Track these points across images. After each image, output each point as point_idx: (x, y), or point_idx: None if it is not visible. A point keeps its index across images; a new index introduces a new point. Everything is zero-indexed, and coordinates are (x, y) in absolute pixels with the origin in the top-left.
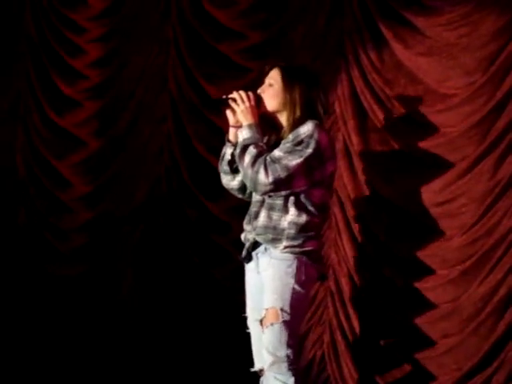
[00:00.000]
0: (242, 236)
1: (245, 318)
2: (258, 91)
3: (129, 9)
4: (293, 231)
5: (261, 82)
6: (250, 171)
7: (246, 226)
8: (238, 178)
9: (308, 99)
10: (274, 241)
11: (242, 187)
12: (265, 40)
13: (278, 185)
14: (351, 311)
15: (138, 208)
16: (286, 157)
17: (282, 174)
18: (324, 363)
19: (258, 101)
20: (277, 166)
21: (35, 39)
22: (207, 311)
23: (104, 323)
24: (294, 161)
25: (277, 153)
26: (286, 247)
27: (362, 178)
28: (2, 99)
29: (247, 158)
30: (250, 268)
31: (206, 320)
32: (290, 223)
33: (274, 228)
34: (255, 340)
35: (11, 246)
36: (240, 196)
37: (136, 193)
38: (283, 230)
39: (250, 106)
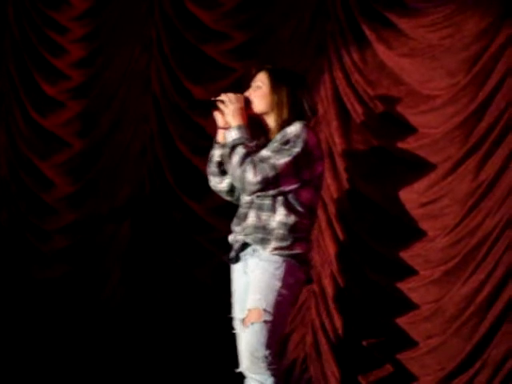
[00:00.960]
0: (231, 238)
1: (230, 319)
2: (246, 93)
3: (112, 9)
4: (282, 231)
5: (247, 85)
6: (238, 171)
7: (236, 228)
8: (227, 180)
9: (295, 100)
10: (263, 241)
11: (231, 189)
12: (249, 41)
13: (265, 184)
14: (334, 312)
15: (121, 208)
16: (274, 156)
17: (270, 173)
18: (307, 364)
19: (246, 103)
20: (264, 165)
21: (18, 39)
22: (191, 311)
23: (88, 324)
24: (282, 160)
25: (264, 152)
26: (275, 248)
27: (344, 178)
28: None
29: (235, 158)
30: (237, 268)
31: (190, 320)
32: (278, 223)
33: (264, 228)
34: (240, 341)
35: None
36: (228, 198)
37: (119, 193)
38: (272, 229)
39: (239, 107)
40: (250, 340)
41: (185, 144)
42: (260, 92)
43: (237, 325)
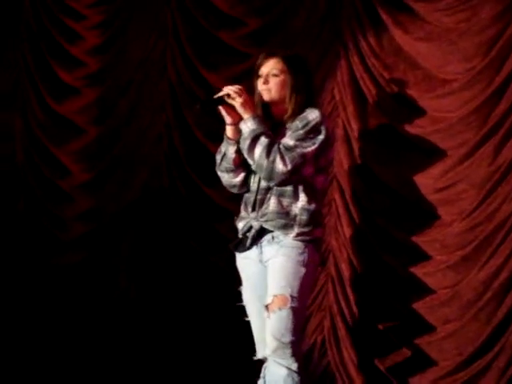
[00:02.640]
0: (241, 224)
1: (242, 307)
2: (260, 82)
3: None
4: (304, 217)
5: (255, 73)
6: (265, 161)
7: (251, 214)
8: (242, 173)
9: (310, 86)
10: (286, 227)
11: (244, 182)
12: (264, 26)
13: (294, 172)
14: (351, 297)
15: (138, 196)
16: (301, 144)
17: (299, 162)
18: (325, 348)
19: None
20: (294, 153)
21: (33, 26)
22: (208, 297)
23: (103, 310)
24: (309, 148)
25: (289, 141)
26: (297, 234)
27: (361, 163)
28: (0, 86)
29: (259, 149)
30: (248, 256)
31: (206, 306)
32: (301, 209)
33: (287, 214)
34: (257, 328)
35: (10, 233)
36: (241, 191)
37: (135, 180)
38: (295, 215)
39: (247, 97)
40: (276, 326)
41: (201, 131)
42: (278, 80)
43: (252, 313)
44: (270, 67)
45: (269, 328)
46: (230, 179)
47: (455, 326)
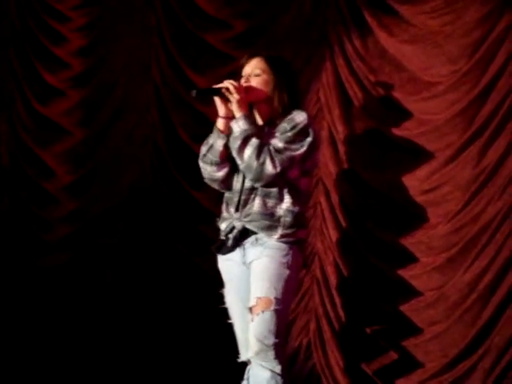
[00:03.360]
0: (224, 225)
1: (224, 309)
2: (241, 82)
3: None
4: (289, 219)
5: (238, 74)
6: (255, 163)
7: (234, 214)
8: (226, 168)
9: (293, 87)
10: (270, 228)
11: (226, 178)
12: (249, 29)
13: (281, 175)
14: (337, 299)
15: (123, 197)
16: (289, 146)
17: (288, 164)
18: (310, 351)
19: (246, 91)
20: (283, 156)
21: (18, 28)
22: (192, 300)
23: (91, 311)
24: (298, 151)
25: (279, 143)
26: (281, 236)
27: (347, 166)
28: None
29: (249, 150)
30: (231, 258)
31: (189, 309)
32: (285, 211)
33: (271, 215)
34: (240, 330)
35: None
36: (220, 187)
37: (121, 182)
38: (280, 217)
39: (244, 96)
40: (260, 328)
41: (186, 132)
42: (260, 79)
43: (235, 315)
44: (252, 67)
45: (252, 330)
46: (212, 172)
47: (441, 328)
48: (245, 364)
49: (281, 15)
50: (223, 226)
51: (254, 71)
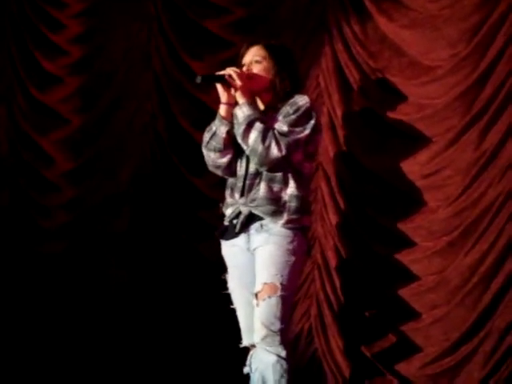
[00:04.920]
0: (229, 210)
1: (227, 295)
2: (244, 69)
3: None
4: (293, 204)
5: (238, 63)
6: (260, 146)
7: (238, 200)
8: (229, 155)
9: (295, 73)
10: (275, 213)
11: (230, 164)
12: (249, 14)
13: (286, 159)
14: (338, 284)
15: (124, 185)
16: (294, 129)
17: (293, 147)
18: (311, 336)
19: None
20: (288, 139)
21: (16, 14)
22: (195, 287)
23: (91, 300)
24: (302, 133)
25: (283, 126)
26: (286, 222)
27: (346, 150)
28: None
29: (254, 134)
30: (236, 244)
31: (190, 296)
32: (290, 196)
33: (276, 200)
34: (244, 316)
35: None
36: (224, 173)
37: (121, 170)
38: (285, 202)
39: (247, 83)
40: (266, 314)
41: (187, 120)
42: (261, 66)
43: (238, 301)
44: (252, 54)
45: (258, 316)
46: (216, 159)
47: (441, 312)
48: (247, 349)
49: (280, 1)
50: (228, 211)
51: (254, 58)
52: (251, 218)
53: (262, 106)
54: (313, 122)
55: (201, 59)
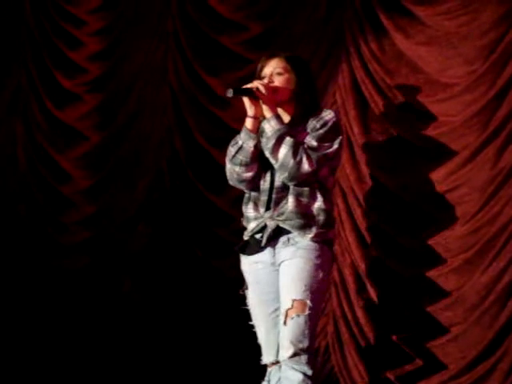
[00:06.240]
0: (253, 224)
1: (246, 311)
2: (264, 82)
3: (128, 1)
4: (322, 218)
5: (257, 76)
6: (291, 161)
7: (265, 214)
8: (254, 169)
9: (314, 87)
10: (304, 227)
11: (254, 178)
12: (265, 31)
13: (314, 173)
14: (355, 301)
15: (140, 201)
16: (322, 144)
17: (323, 162)
18: (328, 354)
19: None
20: (318, 154)
21: (34, 32)
22: (211, 303)
23: (107, 315)
24: (330, 148)
25: (312, 141)
26: (315, 235)
27: (363, 167)
28: (1, 92)
29: (285, 149)
30: (259, 260)
31: (209, 312)
32: (318, 209)
33: (305, 214)
34: (265, 333)
35: (12, 239)
36: (247, 187)
37: (138, 186)
38: (313, 216)
39: (273, 96)
40: (295, 332)
41: (203, 136)
42: (283, 78)
43: (261, 318)
44: (273, 66)
45: (286, 334)
46: (241, 173)
47: (459, 330)
48: (264, 365)
49: (296, 17)
50: (251, 225)
51: (275, 70)
52: (278, 232)
53: (286, 119)
54: (341, 137)
55: (218, 75)
